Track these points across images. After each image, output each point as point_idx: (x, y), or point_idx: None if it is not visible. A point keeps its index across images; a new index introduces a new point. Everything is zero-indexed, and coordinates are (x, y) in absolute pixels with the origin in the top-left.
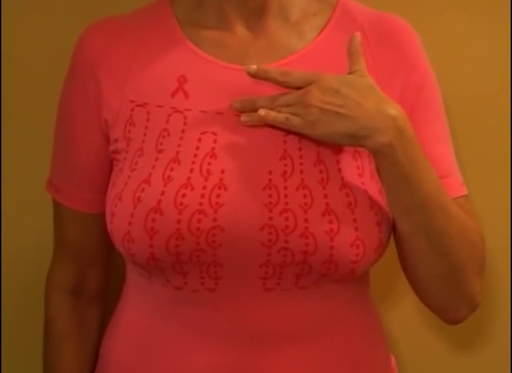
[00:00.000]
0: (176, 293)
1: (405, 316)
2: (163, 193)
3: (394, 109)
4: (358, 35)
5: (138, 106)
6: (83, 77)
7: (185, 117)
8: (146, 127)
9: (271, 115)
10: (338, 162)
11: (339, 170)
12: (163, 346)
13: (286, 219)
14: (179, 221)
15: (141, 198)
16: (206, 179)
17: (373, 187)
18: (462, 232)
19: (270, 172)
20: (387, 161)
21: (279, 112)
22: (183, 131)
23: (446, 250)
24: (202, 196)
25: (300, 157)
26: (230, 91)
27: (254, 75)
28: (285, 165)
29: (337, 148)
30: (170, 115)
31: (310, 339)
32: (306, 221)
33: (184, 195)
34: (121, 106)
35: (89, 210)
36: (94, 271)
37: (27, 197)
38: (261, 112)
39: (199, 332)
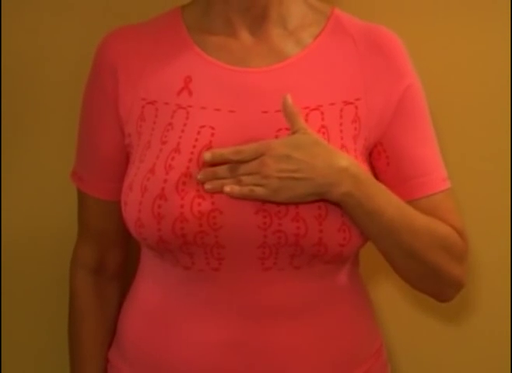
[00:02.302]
0: (185, 272)
1: (390, 292)
2: (165, 181)
3: (343, 160)
4: (289, 97)
5: (149, 103)
6: (103, 77)
7: (187, 113)
8: (154, 122)
9: (236, 190)
10: None
11: None
12: (173, 321)
13: (278, 204)
14: (182, 206)
15: (147, 187)
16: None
17: None
18: (433, 241)
19: None
20: (351, 205)
21: (240, 181)
22: (184, 125)
23: (420, 259)
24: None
25: None
26: (230, 89)
27: (212, 161)
28: None
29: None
30: (174, 111)
31: (305, 313)
32: (296, 206)
33: (184, 182)
34: (134, 103)
35: (108, 197)
36: (114, 252)
37: (54, 186)
38: (227, 188)
39: (205, 308)
